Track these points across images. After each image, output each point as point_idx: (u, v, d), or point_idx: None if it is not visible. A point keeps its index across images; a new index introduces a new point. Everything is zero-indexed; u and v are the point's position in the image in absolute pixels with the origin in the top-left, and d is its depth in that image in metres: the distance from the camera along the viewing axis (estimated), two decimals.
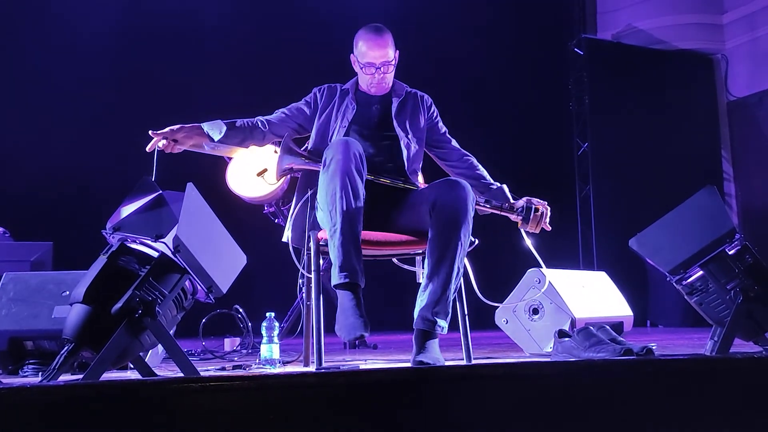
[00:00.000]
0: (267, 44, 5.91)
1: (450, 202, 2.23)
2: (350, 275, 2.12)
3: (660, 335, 4.63)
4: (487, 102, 6.49)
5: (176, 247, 1.82)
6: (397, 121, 2.58)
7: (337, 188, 2.14)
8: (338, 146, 2.20)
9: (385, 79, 2.57)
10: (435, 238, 2.22)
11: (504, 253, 4.23)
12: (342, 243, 2.12)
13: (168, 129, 2.38)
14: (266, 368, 2.43)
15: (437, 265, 2.19)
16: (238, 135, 2.53)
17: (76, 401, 1.12)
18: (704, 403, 1.44)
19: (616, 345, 2.28)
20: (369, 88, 2.60)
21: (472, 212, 2.26)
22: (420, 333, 2.17)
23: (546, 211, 2.46)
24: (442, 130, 2.72)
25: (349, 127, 2.55)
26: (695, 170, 6.66)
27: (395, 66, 2.58)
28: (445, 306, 2.18)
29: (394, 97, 2.63)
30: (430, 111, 2.70)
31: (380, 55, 2.51)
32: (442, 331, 2.17)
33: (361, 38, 2.55)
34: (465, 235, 2.22)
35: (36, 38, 5.32)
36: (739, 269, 2.13)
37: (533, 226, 2.45)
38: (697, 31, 7.17)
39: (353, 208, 2.14)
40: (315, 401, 1.23)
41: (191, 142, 2.42)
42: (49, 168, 5.00)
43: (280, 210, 3.74)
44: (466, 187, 2.26)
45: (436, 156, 2.72)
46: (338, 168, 2.16)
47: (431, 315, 2.16)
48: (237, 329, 3.41)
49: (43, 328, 2.35)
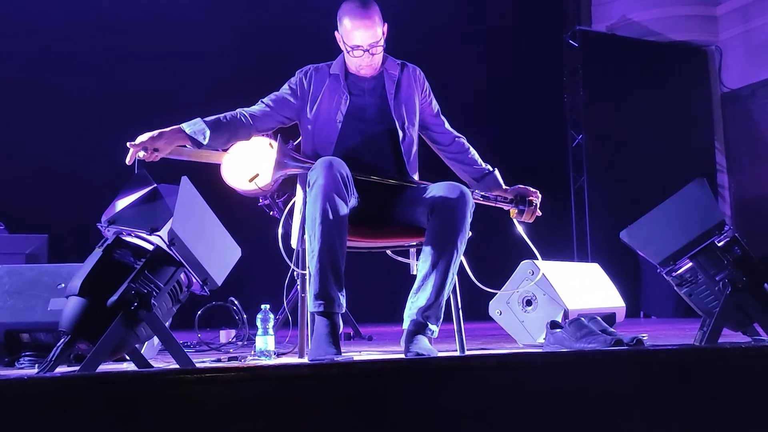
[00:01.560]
0: (262, 30, 5.88)
1: (449, 210, 2.23)
2: (325, 304, 2.13)
3: (652, 326, 4.67)
4: (482, 94, 6.49)
5: (171, 240, 1.83)
6: (395, 113, 2.47)
7: (317, 214, 2.12)
8: (321, 168, 2.15)
9: (375, 60, 2.42)
10: (431, 243, 2.23)
11: (498, 243, 4.26)
12: (319, 269, 2.13)
13: (147, 137, 2.22)
14: (261, 360, 2.44)
15: (432, 269, 2.20)
16: (223, 135, 2.38)
17: (73, 393, 1.13)
18: (693, 393, 1.46)
19: (606, 336, 2.30)
20: (358, 70, 2.45)
21: (470, 219, 2.26)
22: (410, 335, 2.19)
23: (538, 200, 2.48)
24: (435, 109, 2.62)
25: (344, 123, 2.44)
26: (689, 162, 6.69)
27: (385, 42, 2.43)
28: (437, 311, 2.21)
29: (387, 80, 2.49)
30: (424, 88, 2.58)
31: (368, 35, 2.34)
32: (433, 335, 2.20)
33: (345, 14, 2.37)
34: (461, 242, 2.23)
35: (30, 30, 5.29)
36: (728, 261, 2.16)
37: (527, 217, 2.48)
38: (692, 23, 7.19)
39: (334, 233, 2.13)
40: (309, 392, 1.25)
41: (171, 148, 2.28)
42: (43, 161, 4.99)
43: (275, 202, 3.75)
44: (466, 195, 2.25)
45: (428, 138, 2.64)
46: (319, 193, 2.13)
47: (422, 319, 2.18)
48: (232, 321, 3.42)
49: (39, 320, 2.36)
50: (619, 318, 3.28)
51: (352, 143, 2.45)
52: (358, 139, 2.45)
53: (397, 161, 2.50)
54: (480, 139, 2.69)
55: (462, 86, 6.35)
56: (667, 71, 7.00)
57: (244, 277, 2.87)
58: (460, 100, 6.20)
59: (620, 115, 6.76)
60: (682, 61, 7.20)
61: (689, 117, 7.05)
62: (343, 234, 2.17)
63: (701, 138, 7.19)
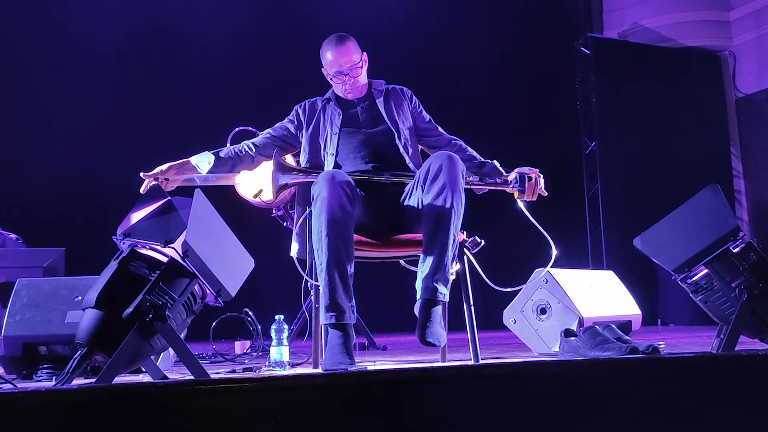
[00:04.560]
0: (276, 51, 5.94)
1: (438, 171, 2.27)
2: (337, 316, 2.17)
3: (670, 334, 4.62)
4: (494, 103, 6.50)
5: (185, 252, 1.84)
6: (386, 115, 2.64)
7: (323, 227, 2.18)
8: (324, 181, 2.22)
9: (358, 82, 2.63)
10: (428, 208, 2.27)
11: (514, 248, 4.25)
12: (328, 282, 2.17)
13: (158, 170, 2.46)
14: (276, 370, 2.45)
15: (433, 235, 2.24)
16: (228, 163, 2.60)
17: (90, 404, 1.14)
18: (709, 401, 1.45)
19: (621, 344, 2.28)
20: (346, 95, 2.67)
21: (462, 180, 2.29)
22: (424, 302, 2.21)
23: (539, 177, 2.50)
24: (427, 118, 2.76)
25: (341, 132, 2.60)
26: (704, 168, 6.64)
27: (366, 67, 2.65)
28: (444, 274, 2.24)
29: (375, 93, 2.70)
30: (413, 101, 2.75)
31: (345, 60, 2.58)
32: (444, 297, 2.23)
33: (325, 50, 2.62)
34: (457, 202, 2.25)
35: (49, 46, 5.37)
36: (744, 267, 2.14)
37: (529, 195, 2.49)
38: (704, 29, 7.15)
39: (340, 245, 2.18)
40: (323, 402, 1.25)
41: (182, 177, 2.51)
42: (60, 175, 5.06)
43: (288, 213, 3.77)
44: (453, 157, 2.30)
45: (426, 145, 2.76)
46: (324, 206, 2.19)
47: (432, 283, 2.21)
48: (247, 332, 3.44)
49: (56, 333, 2.38)
50: (636, 326, 3.25)
51: (351, 148, 2.58)
52: (356, 144, 2.58)
53: (397, 158, 2.58)
54: (492, 149, 2.70)
55: (473, 96, 6.37)
56: (681, 77, 6.97)
57: (258, 288, 2.89)
58: (471, 110, 6.22)
59: (634, 121, 6.72)
60: (696, 66, 7.16)
61: (704, 123, 7.00)
62: (349, 245, 2.22)
63: (716, 144, 7.13)
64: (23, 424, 1.10)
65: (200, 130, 2.44)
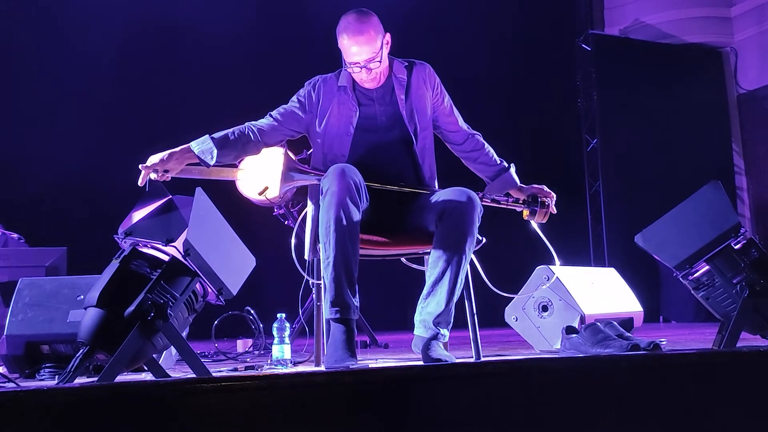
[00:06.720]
0: (272, 40, 5.93)
1: (457, 215, 2.24)
2: (341, 311, 2.15)
3: (672, 330, 4.62)
4: (495, 99, 6.48)
5: (186, 251, 1.85)
6: (407, 119, 2.45)
7: (331, 221, 2.15)
8: (334, 176, 2.17)
9: (374, 73, 2.39)
10: (440, 248, 2.25)
11: (515, 248, 4.24)
12: (334, 277, 2.15)
13: (158, 159, 2.29)
14: (278, 368, 2.45)
15: (441, 275, 2.22)
16: (232, 152, 2.40)
17: (92, 403, 1.14)
18: (711, 398, 1.45)
19: (623, 341, 2.28)
20: (362, 83, 2.45)
21: (479, 223, 2.27)
22: (424, 340, 2.20)
23: (552, 200, 2.47)
24: (448, 107, 2.57)
25: (355, 135, 2.43)
26: (706, 164, 6.62)
27: (387, 49, 2.41)
28: (447, 317, 2.23)
29: (396, 85, 2.46)
30: (435, 86, 2.53)
31: (364, 51, 2.33)
32: (444, 339, 2.22)
33: (342, 31, 2.36)
34: (469, 247, 2.25)
35: (50, 46, 5.37)
36: (745, 263, 2.14)
37: (540, 217, 2.47)
38: (706, 25, 7.13)
39: (347, 240, 2.15)
40: (325, 400, 1.25)
41: (180, 167, 2.34)
42: (62, 175, 5.05)
43: (290, 212, 3.77)
44: (474, 200, 2.26)
45: (442, 136, 2.62)
46: (333, 200, 2.15)
47: (434, 326, 2.20)
48: (249, 331, 3.44)
49: (59, 332, 2.38)
50: (637, 323, 3.24)
51: (365, 154, 2.44)
52: (370, 150, 2.45)
53: (412, 167, 2.50)
54: (494, 146, 2.69)
55: (474, 92, 6.33)
56: (682, 73, 6.95)
57: (259, 286, 2.89)
58: (472, 106, 6.17)
59: (635, 118, 6.71)
60: (697, 63, 7.14)
61: (705, 119, 6.98)
62: (355, 241, 2.20)
63: (718, 140, 7.11)
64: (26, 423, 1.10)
65: (201, 130, 2.42)
